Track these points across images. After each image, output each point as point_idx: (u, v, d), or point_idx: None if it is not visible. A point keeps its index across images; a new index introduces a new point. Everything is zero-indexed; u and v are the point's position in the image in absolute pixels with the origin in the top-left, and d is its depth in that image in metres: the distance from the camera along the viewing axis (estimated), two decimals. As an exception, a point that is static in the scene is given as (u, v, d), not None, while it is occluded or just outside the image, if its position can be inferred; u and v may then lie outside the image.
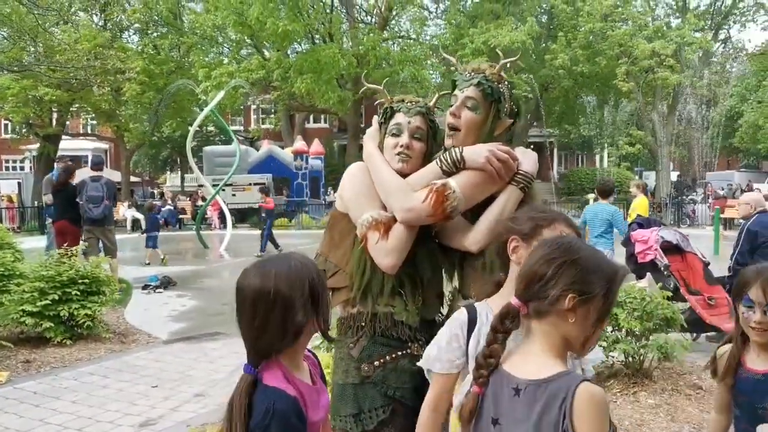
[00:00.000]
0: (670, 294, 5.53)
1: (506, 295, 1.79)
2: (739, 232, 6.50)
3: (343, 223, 2.33)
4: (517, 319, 1.60)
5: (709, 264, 6.59)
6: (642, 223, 6.86)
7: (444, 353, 1.88)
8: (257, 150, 29.81)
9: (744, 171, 39.85)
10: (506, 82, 2.33)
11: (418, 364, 1.97)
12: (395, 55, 25.35)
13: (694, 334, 6.25)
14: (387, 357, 2.19)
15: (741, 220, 6.88)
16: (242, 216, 24.94)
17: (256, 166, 26.78)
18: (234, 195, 24.64)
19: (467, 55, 24.24)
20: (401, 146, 2.29)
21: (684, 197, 22.46)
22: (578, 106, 28.46)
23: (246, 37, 25.36)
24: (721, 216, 17.63)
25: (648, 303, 5.23)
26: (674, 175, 29.66)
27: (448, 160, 2.20)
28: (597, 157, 43.10)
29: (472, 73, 2.31)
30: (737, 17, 29.97)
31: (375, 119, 2.47)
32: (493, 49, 23.74)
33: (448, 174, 2.19)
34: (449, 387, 1.89)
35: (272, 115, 39.52)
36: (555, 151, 41.81)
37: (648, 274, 6.68)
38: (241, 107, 33.87)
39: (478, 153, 2.19)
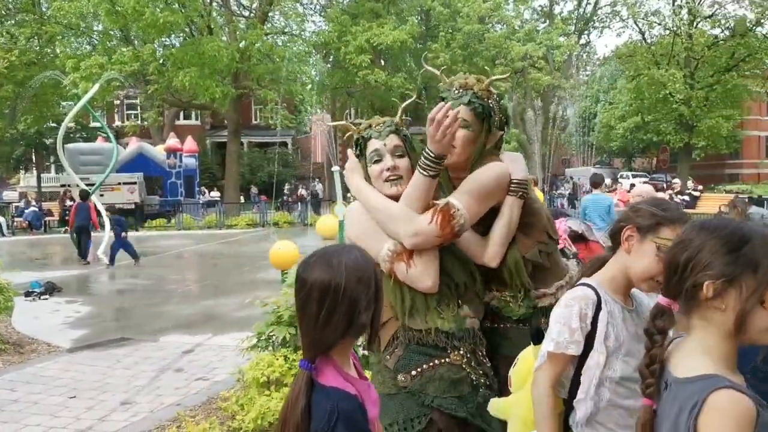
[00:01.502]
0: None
1: (610, 277, 1.88)
2: (635, 222, 7.03)
3: None
4: (670, 316, 1.49)
5: (610, 251, 7.08)
6: (552, 214, 7.25)
7: (577, 334, 1.82)
8: (124, 148, 28.22)
9: (598, 167, 42.75)
10: (495, 96, 2.37)
11: (548, 349, 1.87)
12: (278, 50, 25.04)
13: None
14: (424, 366, 2.15)
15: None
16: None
17: (126, 165, 25.26)
18: (102, 195, 23.26)
19: (351, 53, 24.39)
20: (388, 170, 2.27)
21: (554, 192, 23.95)
22: (456, 105, 29.30)
23: (116, 28, 24.00)
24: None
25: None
26: (582, 171, 31.03)
27: (428, 163, 2.16)
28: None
29: (461, 90, 2.33)
30: (596, 24, 32.37)
31: (350, 153, 2.45)
32: (377, 47, 24.11)
33: (435, 176, 2.18)
34: (562, 370, 1.87)
35: (139, 111, 37.65)
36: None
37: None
38: (105, 102, 31.97)
39: (434, 138, 2.14)
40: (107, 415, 4.76)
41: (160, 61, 24.44)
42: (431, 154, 2.12)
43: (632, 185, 29.85)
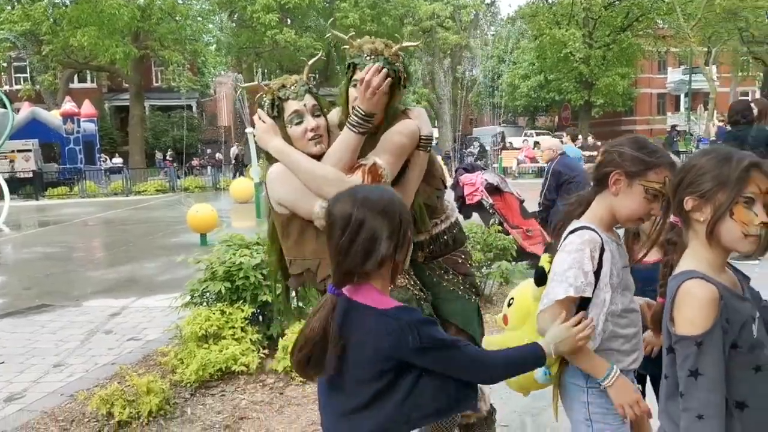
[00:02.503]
0: (500, 229, 6.23)
1: (599, 217, 1.99)
2: (546, 173, 7.46)
3: (295, 222, 2.40)
4: (679, 230, 1.78)
5: (523, 201, 7.50)
6: (467, 168, 7.57)
7: (590, 276, 1.92)
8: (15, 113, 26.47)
9: (504, 126, 43.91)
10: (401, 58, 2.50)
11: (568, 294, 1.93)
12: (181, 8, 24.10)
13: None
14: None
15: (545, 164, 7.85)
16: (15, 186, 22.39)
17: (18, 132, 23.79)
18: (-5, 164, 21.91)
19: (258, 11, 23.80)
20: (311, 130, 2.36)
21: (464, 150, 24.61)
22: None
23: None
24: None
25: (488, 236, 5.87)
26: (488, 130, 31.55)
27: (359, 120, 2.31)
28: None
29: (372, 56, 2.42)
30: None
31: (261, 114, 2.49)
32: (284, 5, 23.65)
33: (365, 133, 2.33)
34: (572, 309, 1.97)
35: (28, 74, 35.34)
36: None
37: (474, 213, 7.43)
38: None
39: (365, 98, 2.33)
40: (41, 377, 4.73)
41: (52, 20, 23.03)
42: (362, 112, 2.27)
43: (536, 143, 31.07)
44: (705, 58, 26.51)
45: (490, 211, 7.04)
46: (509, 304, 2.29)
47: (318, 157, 2.36)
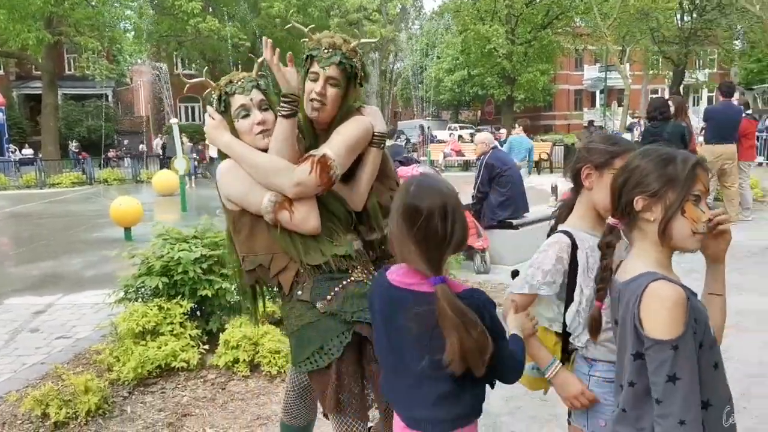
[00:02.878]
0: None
1: (581, 216, 2.08)
2: (479, 166, 7.62)
3: (245, 218, 2.40)
4: (617, 233, 1.78)
5: (457, 194, 7.61)
6: (403, 161, 7.62)
7: (550, 276, 2.01)
8: None
9: (429, 119, 44.40)
10: (359, 55, 2.51)
11: (522, 290, 2.07)
12: (98, -7, 23.12)
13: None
14: (336, 288, 2.32)
15: (477, 158, 8.02)
16: None
17: None
18: None
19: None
20: (258, 123, 2.36)
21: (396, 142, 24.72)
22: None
23: None
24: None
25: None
26: (412, 123, 31.49)
27: (283, 104, 2.30)
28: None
29: (330, 50, 2.44)
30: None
31: (210, 111, 2.50)
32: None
33: (292, 115, 2.31)
34: (528, 306, 2.08)
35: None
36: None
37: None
38: None
39: (289, 82, 2.33)
40: (-34, 380, 4.49)
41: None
42: (292, 95, 2.28)
43: (459, 136, 31.62)
44: (620, 56, 27.63)
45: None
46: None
47: (266, 151, 2.36)
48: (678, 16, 36.93)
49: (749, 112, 11.40)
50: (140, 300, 4.93)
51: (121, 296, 4.92)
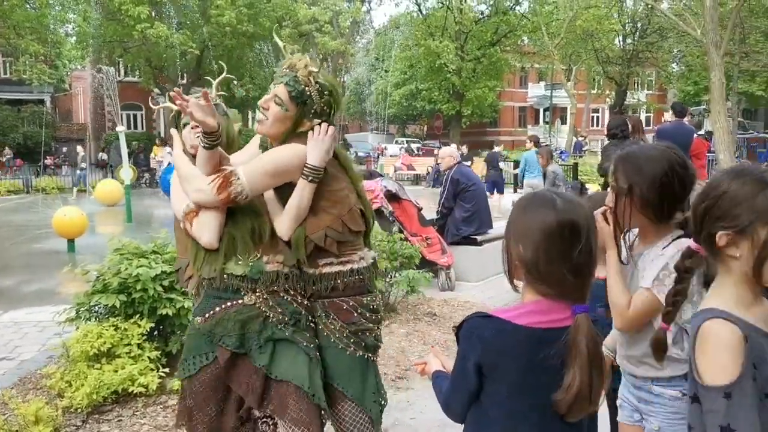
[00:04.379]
0: (402, 237, 6.19)
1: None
2: (444, 181, 7.52)
3: (179, 222, 2.59)
4: (698, 259, 1.59)
5: (421, 209, 7.51)
6: (366, 176, 7.48)
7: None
8: None
9: (376, 133, 44.37)
10: (316, 84, 2.42)
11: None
12: (40, -6, 22.18)
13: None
14: (217, 308, 2.40)
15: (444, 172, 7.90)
16: None
17: None
18: None
19: (126, 3, 22.41)
20: (193, 127, 2.61)
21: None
22: (242, 65, 28.77)
23: None
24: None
25: (393, 244, 5.81)
26: (360, 137, 31.36)
27: (202, 137, 2.35)
28: (250, 117, 44.09)
29: (287, 69, 2.42)
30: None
31: (174, 134, 2.75)
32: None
33: (210, 147, 2.34)
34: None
35: None
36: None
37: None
38: None
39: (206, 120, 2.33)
40: None
41: None
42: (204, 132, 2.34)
43: (407, 149, 31.72)
44: (566, 75, 28.27)
45: (390, 218, 6.98)
46: None
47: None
48: (620, 37, 38.16)
49: (701, 132, 11.70)
50: (94, 319, 4.61)
51: (72, 315, 4.59)
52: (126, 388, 4.07)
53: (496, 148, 18.34)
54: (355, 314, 2.52)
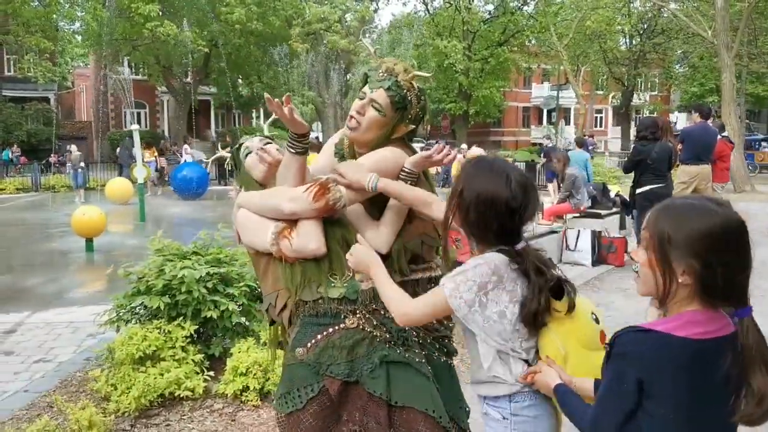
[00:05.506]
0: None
1: None
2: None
3: (261, 259, 2.37)
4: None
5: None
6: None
7: None
8: None
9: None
10: (416, 89, 2.36)
11: None
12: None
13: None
14: (318, 336, 2.21)
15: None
16: None
17: None
18: None
19: (137, 1, 22.30)
20: (259, 150, 2.42)
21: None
22: (249, 64, 28.69)
23: None
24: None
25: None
26: None
27: (291, 141, 2.27)
28: (254, 117, 44.13)
29: (385, 74, 2.32)
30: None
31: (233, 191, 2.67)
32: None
33: (300, 153, 2.28)
34: None
35: None
36: (212, 109, 41.36)
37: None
38: None
39: (295, 123, 2.24)
40: None
41: None
42: (292, 132, 2.25)
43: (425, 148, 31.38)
44: (575, 75, 28.22)
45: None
46: (597, 320, 1.99)
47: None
48: (627, 39, 38.13)
49: (725, 134, 11.63)
50: (134, 321, 4.55)
51: (113, 317, 4.53)
52: (172, 391, 4.01)
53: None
54: (434, 322, 2.43)
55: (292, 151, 2.27)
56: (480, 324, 1.80)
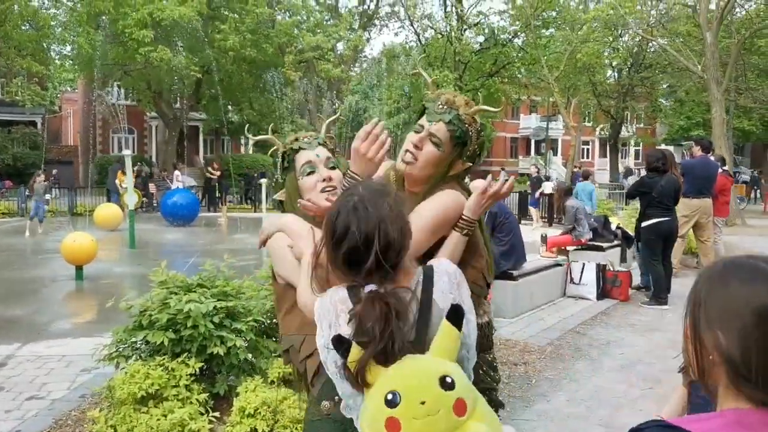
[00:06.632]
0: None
1: None
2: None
3: (288, 294, 2.16)
4: None
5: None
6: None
7: None
8: None
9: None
10: (477, 124, 2.25)
11: None
12: (44, 16, 21.84)
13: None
14: None
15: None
16: None
17: None
18: None
19: (131, 26, 22.24)
20: (323, 180, 2.18)
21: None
22: (241, 90, 28.63)
23: None
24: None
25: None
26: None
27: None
28: (243, 143, 44.04)
29: (445, 106, 2.18)
30: (375, 22, 33.60)
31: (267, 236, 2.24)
32: (159, 22, 22.29)
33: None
34: None
35: None
36: (200, 135, 41.19)
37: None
38: None
39: (359, 153, 2.08)
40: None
41: None
42: (354, 173, 2.06)
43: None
44: (566, 107, 28.42)
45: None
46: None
47: None
48: (616, 71, 38.59)
49: (726, 168, 11.63)
50: (135, 357, 4.31)
51: (113, 352, 4.30)
52: (176, 434, 3.77)
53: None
54: (481, 372, 2.29)
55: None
56: None
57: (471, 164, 2.25)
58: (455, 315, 1.54)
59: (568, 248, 9.46)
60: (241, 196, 26.19)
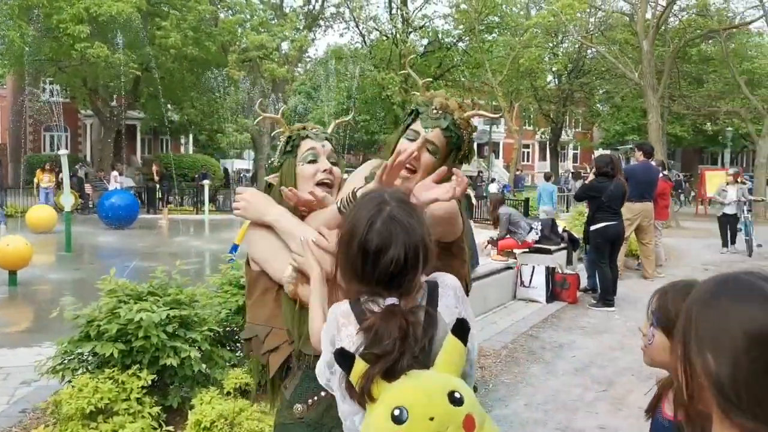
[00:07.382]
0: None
1: None
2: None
3: (261, 281, 2.09)
4: None
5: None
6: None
7: None
8: None
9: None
10: (471, 128, 2.15)
11: None
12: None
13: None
14: (322, 393, 1.90)
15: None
16: None
17: None
18: None
19: (66, 21, 21.36)
20: (324, 171, 2.14)
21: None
22: (182, 89, 27.94)
23: None
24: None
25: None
26: None
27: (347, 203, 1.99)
28: (183, 142, 43.13)
29: (440, 111, 2.08)
30: (320, 23, 33.36)
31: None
32: (96, 17, 21.50)
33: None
34: None
35: None
36: (138, 134, 40.07)
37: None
38: None
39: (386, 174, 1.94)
40: None
41: None
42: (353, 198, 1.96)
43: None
44: (510, 111, 28.87)
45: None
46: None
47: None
48: (556, 77, 39.51)
49: (665, 173, 11.98)
50: (82, 370, 4.09)
51: (58, 364, 4.07)
52: (127, 451, 3.59)
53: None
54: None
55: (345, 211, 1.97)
56: None
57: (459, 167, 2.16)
58: (461, 329, 1.48)
59: (515, 251, 9.56)
60: (182, 198, 25.58)
